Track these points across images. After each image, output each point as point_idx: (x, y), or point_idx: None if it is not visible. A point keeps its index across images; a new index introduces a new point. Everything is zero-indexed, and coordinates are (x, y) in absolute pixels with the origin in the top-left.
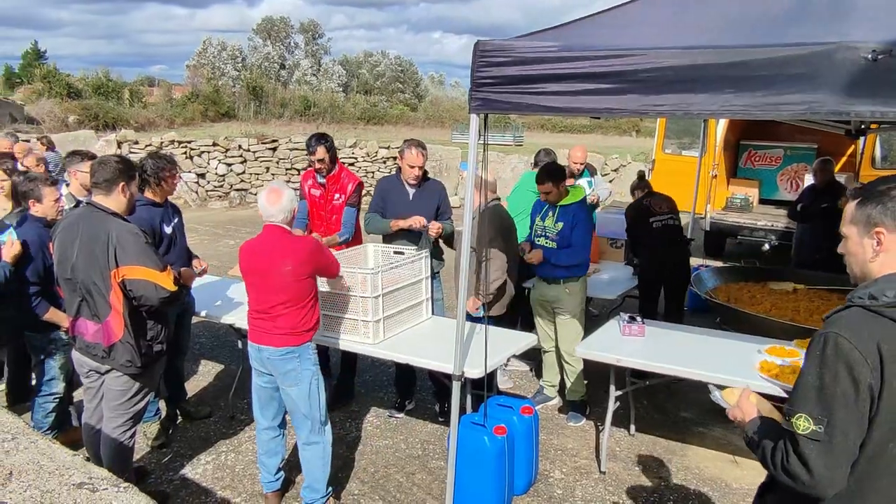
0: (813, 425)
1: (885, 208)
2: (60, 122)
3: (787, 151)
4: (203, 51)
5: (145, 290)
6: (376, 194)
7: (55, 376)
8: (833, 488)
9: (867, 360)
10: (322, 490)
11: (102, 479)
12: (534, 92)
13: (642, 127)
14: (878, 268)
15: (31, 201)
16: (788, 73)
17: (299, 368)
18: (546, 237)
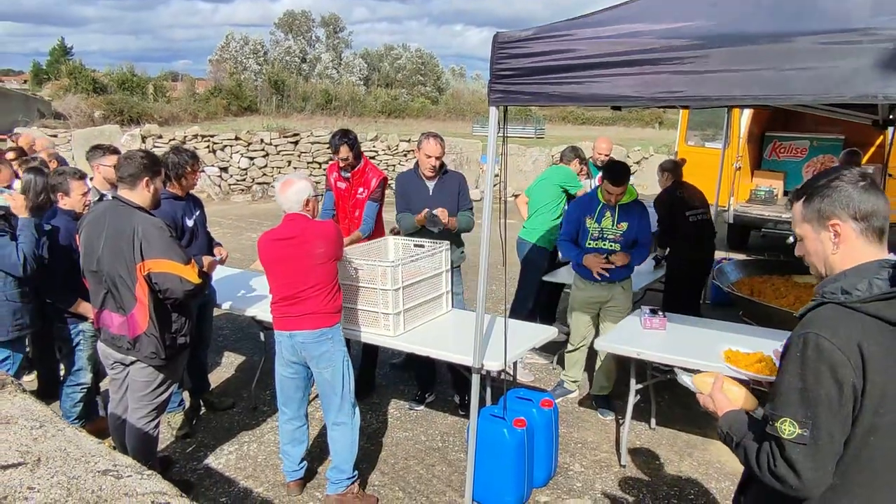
0: (798, 429)
1: (832, 200)
2: (87, 117)
3: (814, 143)
4: (225, 45)
5: (171, 283)
6: (398, 193)
7: (83, 367)
8: (820, 489)
9: (849, 361)
10: (348, 471)
11: (127, 467)
12: (553, 82)
13: (665, 119)
14: (841, 260)
15: (59, 194)
16: (812, 57)
17: (332, 350)
18: (606, 239)
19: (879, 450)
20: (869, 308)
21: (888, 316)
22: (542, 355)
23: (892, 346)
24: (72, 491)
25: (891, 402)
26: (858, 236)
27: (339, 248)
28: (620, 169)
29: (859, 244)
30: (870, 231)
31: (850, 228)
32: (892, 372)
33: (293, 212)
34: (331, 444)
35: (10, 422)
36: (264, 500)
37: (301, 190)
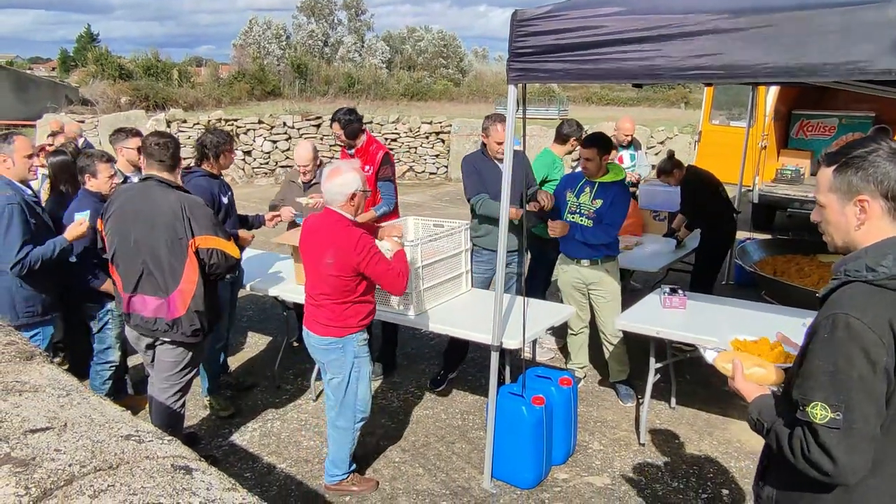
0: (831, 413)
1: (867, 174)
2: (113, 102)
3: (842, 120)
4: (249, 30)
5: (217, 258)
6: (471, 175)
7: (111, 345)
8: (858, 475)
9: (882, 340)
10: (344, 468)
11: (148, 433)
12: (572, 59)
13: (691, 98)
14: (864, 237)
15: (86, 176)
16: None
17: (342, 359)
18: (581, 214)
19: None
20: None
21: None
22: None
23: None
24: (95, 453)
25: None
26: (885, 215)
27: (355, 265)
28: (592, 136)
29: (885, 223)
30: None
31: (879, 206)
32: None
33: (333, 207)
34: (328, 438)
35: (39, 390)
36: (287, 476)
37: (347, 182)
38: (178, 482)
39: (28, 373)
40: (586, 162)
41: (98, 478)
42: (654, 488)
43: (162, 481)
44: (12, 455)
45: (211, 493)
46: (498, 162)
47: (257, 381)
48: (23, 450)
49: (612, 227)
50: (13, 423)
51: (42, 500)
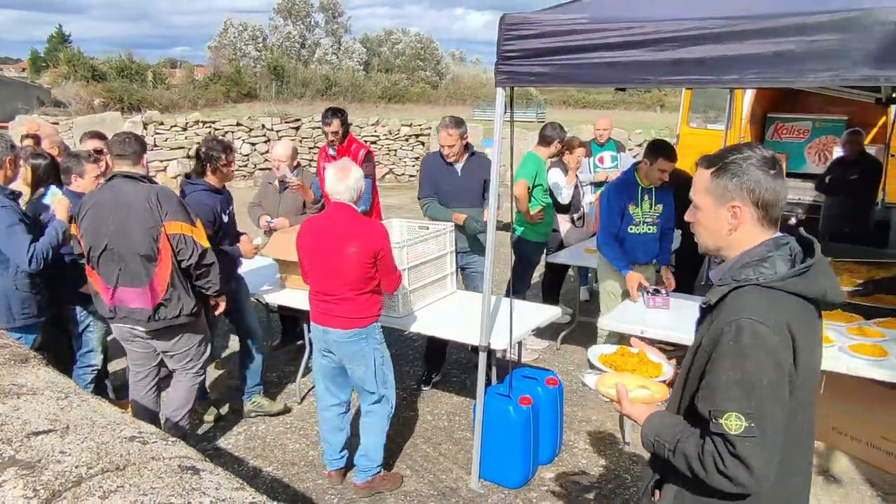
0: (745, 422)
1: (741, 181)
2: (86, 104)
3: (816, 123)
4: (224, 31)
5: (185, 243)
6: (424, 175)
7: (93, 348)
8: (769, 481)
9: (784, 343)
10: (378, 459)
11: (152, 434)
12: (560, 64)
13: (667, 102)
14: (735, 241)
15: (73, 176)
16: (818, 40)
17: (366, 348)
18: (645, 223)
19: (794, 422)
20: (788, 286)
21: (808, 292)
22: (544, 337)
23: (807, 320)
24: (101, 455)
25: (809, 376)
26: (755, 222)
27: (376, 251)
28: (668, 147)
29: (755, 229)
30: (767, 219)
31: (750, 213)
32: (810, 347)
33: (342, 200)
34: (362, 430)
35: (37, 393)
36: (274, 479)
37: (359, 178)
38: (186, 482)
39: (24, 376)
40: (662, 173)
41: (106, 479)
42: (640, 486)
43: (171, 482)
44: (17, 458)
45: (220, 492)
46: (450, 165)
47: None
48: (27, 452)
49: (673, 230)
50: (14, 426)
51: (52, 502)
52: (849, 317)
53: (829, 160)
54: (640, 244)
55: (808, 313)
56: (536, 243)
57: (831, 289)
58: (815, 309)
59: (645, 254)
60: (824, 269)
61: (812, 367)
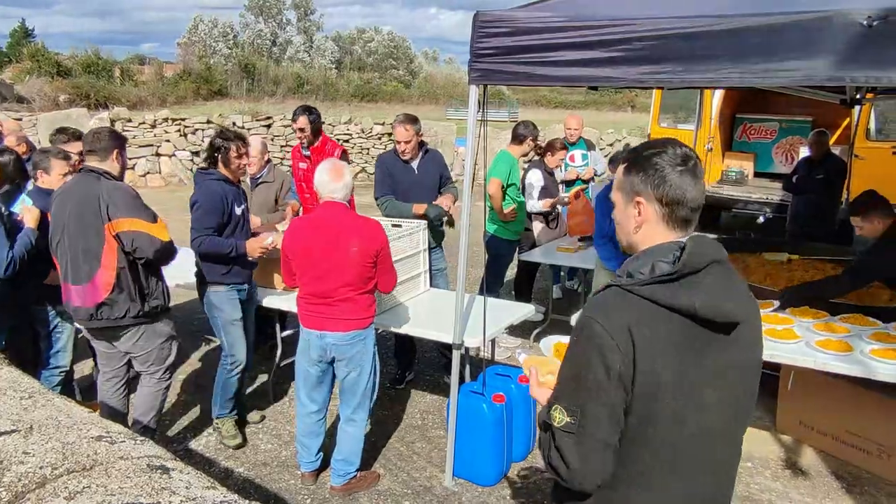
0: (567, 417)
1: (647, 176)
2: (51, 100)
3: (783, 124)
4: (194, 28)
5: (139, 241)
6: (381, 174)
7: (61, 349)
8: (590, 481)
9: (619, 346)
10: (356, 463)
11: (119, 433)
12: (534, 62)
13: (637, 102)
14: (641, 240)
15: (39, 172)
16: (785, 41)
17: (363, 351)
18: None
19: (659, 441)
20: (644, 291)
21: (662, 299)
22: (517, 335)
23: (670, 331)
24: (67, 455)
25: (670, 390)
26: (660, 220)
27: (377, 250)
28: None
29: (660, 228)
30: (673, 218)
31: (654, 210)
32: (668, 359)
33: (336, 199)
34: (342, 436)
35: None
36: (245, 479)
37: (351, 178)
38: (155, 482)
39: None
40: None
41: (72, 479)
42: None
43: (139, 481)
44: None
45: (191, 491)
46: (409, 160)
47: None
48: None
49: None
50: None
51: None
52: (815, 313)
53: (796, 160)
54: None
55: (672, 322)
56: (509, 241)
57: (707, 305)
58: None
59: None
60: (708, 282)
61: (684, 382)
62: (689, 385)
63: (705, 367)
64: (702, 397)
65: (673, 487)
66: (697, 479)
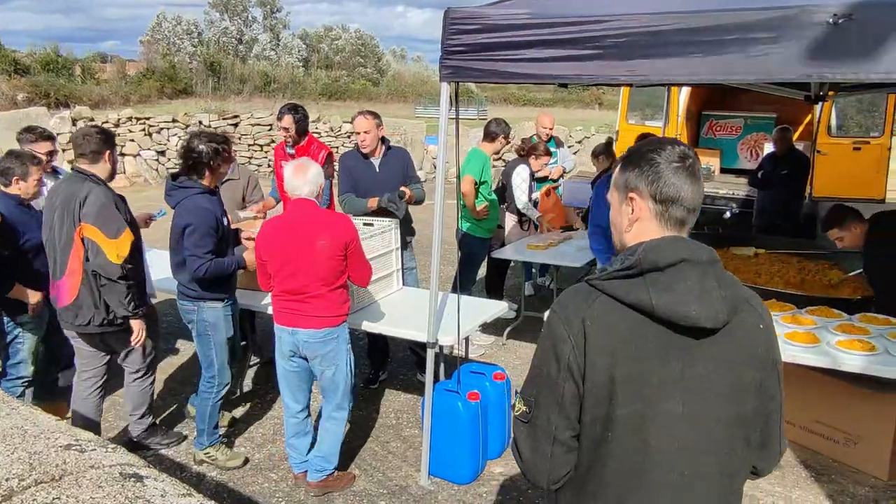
0: (524, 406)
1: (642, 172)
2: (9, 99)
3: (747, 121)
4: (157, 25)
5: (92, 251)
6: (343, 173)
7: (23, 359)
8: (541, 476)
9: (569, 337)
10: (335, 461)
11: (90, 441)
12: (505, 59)
13: (605, 99)
14: (632, 238)
15: (14, 178)
16: (753, 37)
17: (337, 349)
18: None
19: (619, 445)
20: (605, 286)
21: (618, 294)
22: (490, 332)
23: (628, 329)
24: (34, 465)
25: (626, 392)
26: (653, 218)
27: (346, 243)
28: None
29: (652, 226)
30: (667, 217)
31: (648, 208)
32: (623, 357)
33: (302, 195)
34: (322, 433)
35: None
36: (218, 484)
37: (318, 174)
38: (129, 490)
39: None
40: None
41: (40, 491)
42: None
43: (112, 490)
44: None
45: (166, 499)
46: (371, 157)
47: (182, 390)
48: None
49: None
50: None
51: None
52: (782, 306)
53: (761, 156)
54: None
55: (631, 319)
56: (482, 239)
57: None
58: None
59: None
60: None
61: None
62: (651, 390)
63: (669, 374)
64: (666, 407)
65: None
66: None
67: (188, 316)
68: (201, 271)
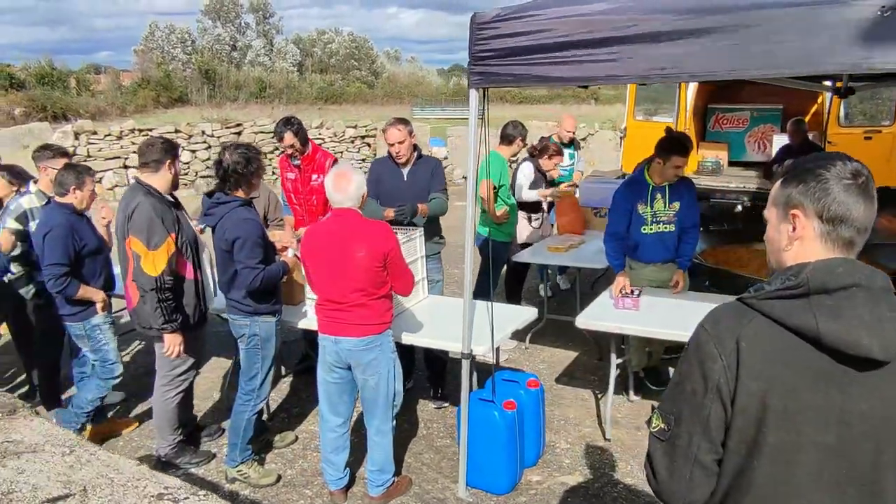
0: (662, 423)
1: (807, 188)
2: (6, 115)
3: (754, 113)
4: (150, 34)
5: (135, 261)
6: (370, 179)
7: (114, 359)
8: (676, 499)
9: (721, 356)
10: (392, 469)
11: (179, 489)
12: (537, 63)
13: (600, 95)
14: (792, 258)
15: (72, 188)
16: (800, 28)
17: (380, 357)
18: (660, 222)
19: (763, 475)
20: (763, 305)
21: (777, 315)
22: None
23: (785, 353)
24: None
25: (780, 420)
26: (817, 238)
27: (386, 253)
28: (685, 139)
29: (816, 247)
30: (834, 238)
31: (812, 227)
32: (779, 383)
33: (345, 206)
34: (372, 448)
35: (37, 450)
36: (252, 502)
37: (361, 184)
38: None
39: (18, 430)
40: (677, 169)
41: None
42: (627, 483)
43: None
44: None
45: None
46: (400, 166)
47: (201, 406)
48: None
49: (696, 228)
50: (24, 493)
51: None
52: None
53: (769, 148)
54: (657, 243)
55: (791, 343)
56: (503, 243)
57: (835, 331)
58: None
59: (663, 252)
60: (844, 307)
61: (797, 415)
62: (806, 421)
63: (827, 405)
64: (819, 439)
65: None
66: None
67: (241, 331)
68: (257, 282)
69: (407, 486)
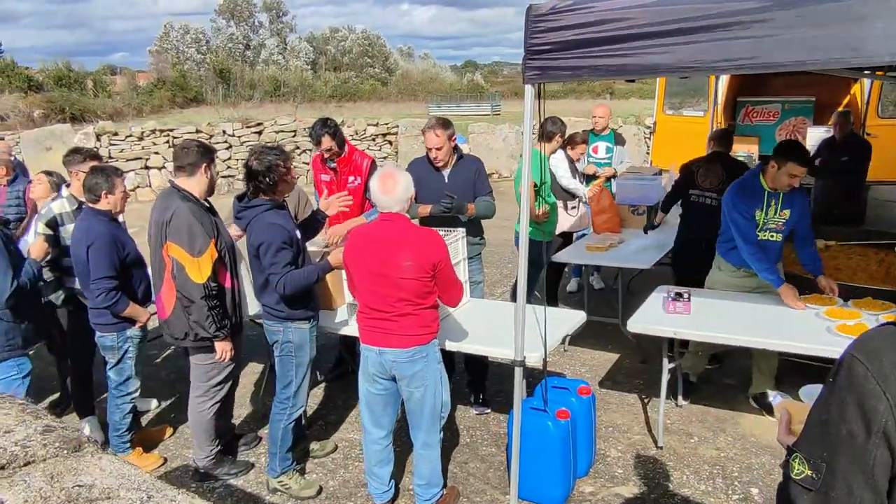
0: (808, 469)
1: None
2: (26, 116)
3: (785, 106)
4: (165, 35)
5: (176, 270)
6: None
7: (132, 374)
8: None
9: (885, 395)
10: (441, 482)
11: None
12: (598, 55)
13: (616, 89)
14: None
15: (103, 193)
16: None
17: (426, 369)
18: (769, 230)
19: None
20: None
21: None
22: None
23: None
24: None
25: None
26: None
27: (434, 263)
28: (802, 146)
29: None
30: None
31: None
32: None
33: (392, 211)
34: (419, 461)
35: (112, 496)
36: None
37: (409, 185)
38: None
39: (87, 471)
40: (791, 178)
41: None
42: (684, 493)
43: None
44: None
45: None
46: (437, 170)
47: (240, 412)
48: None
49: (812, 236)
50: None
51: None
52: (882, 304)
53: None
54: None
55: None
56: (545, 243)
57: None
58: None
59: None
60: None
61: None
62: None
63: None
64: None
65: None
66: None
67: (274, 337)
68: (281, 285)
69: (455, 498)
